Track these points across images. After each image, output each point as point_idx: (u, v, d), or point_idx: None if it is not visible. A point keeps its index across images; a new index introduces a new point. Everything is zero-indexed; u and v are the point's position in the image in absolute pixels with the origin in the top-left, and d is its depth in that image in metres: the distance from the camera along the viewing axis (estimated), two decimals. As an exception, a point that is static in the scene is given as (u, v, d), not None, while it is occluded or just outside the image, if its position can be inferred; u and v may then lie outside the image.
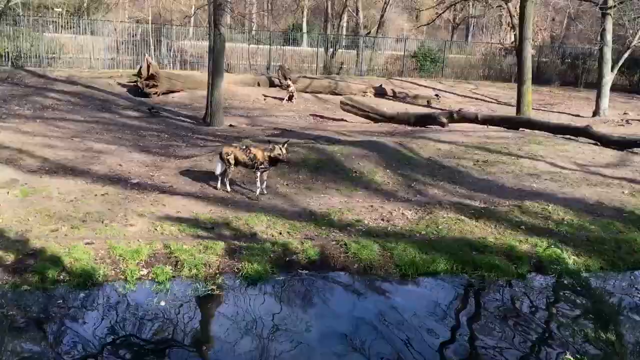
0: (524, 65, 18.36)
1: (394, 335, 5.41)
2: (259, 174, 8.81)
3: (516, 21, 19.62)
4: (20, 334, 5.14)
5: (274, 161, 8.73)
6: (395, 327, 5.56)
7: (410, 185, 9.84)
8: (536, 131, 14.69)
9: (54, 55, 23.20)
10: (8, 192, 8.18)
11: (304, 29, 41.77)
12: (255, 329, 5.39)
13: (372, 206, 8.61)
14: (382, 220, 8.07)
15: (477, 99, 25.13)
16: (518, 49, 18.77)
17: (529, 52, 18.74)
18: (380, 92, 23.78)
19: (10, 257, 6.21)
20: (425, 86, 26.83)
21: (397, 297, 6.27)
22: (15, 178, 8.79)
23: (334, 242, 7.15)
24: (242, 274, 6.35)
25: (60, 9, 28.99)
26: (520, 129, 15.10)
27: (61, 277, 6.02)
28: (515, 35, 20.17)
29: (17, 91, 18.66)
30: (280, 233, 7.37)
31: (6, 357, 4.80)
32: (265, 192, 8.94)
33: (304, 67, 28.30)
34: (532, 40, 22.08)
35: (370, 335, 5.40)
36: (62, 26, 24.55)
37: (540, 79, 28.91)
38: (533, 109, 19.56)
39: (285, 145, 8.68)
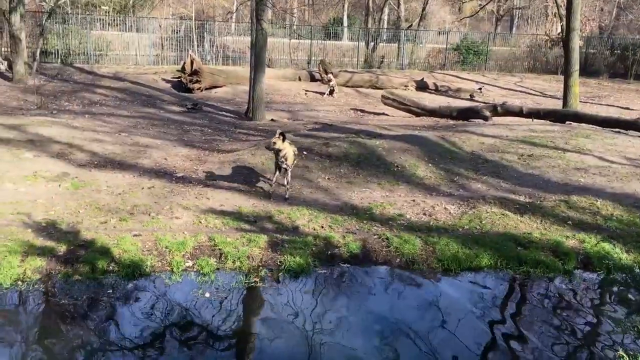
0: (571, 56, 17.86)
1: (436, 331, 5.39)
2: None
3: (563, 11, 19.12)
4: (71, 322, 5.32)
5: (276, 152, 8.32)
6: (438, 322, 5.53)
7: (453, 179, 9.74)
8: (584, 124, 14.31)
9: (101, 52, 23.83)
10: (60, 185, 8.47)
11: (345, 23, 41.65)
12: (297, 321, 5.44)
13: (414, 200, 8.56)
14: (424, 214, 8.02)
15: (521, 92, 24.60)
16: (565, 40, 18.26)
17: (577, 43, 18.20)
18: (421, 86, 23.56)
19: (62, 248, 6.44)
20: (468, 79, 26.41)
21: (440, 292, 6.24)
22: (66, 171, 9.09)
23: (375, 236, 7.15)
24: (284, 267, 6.42)
25: (107, 7, 29.72)
26: (567, 122, 14.74)
27: (110, 267, 6.21)
28: (562, 26, 19.66)
29: (66, 87, 19.26)
30: (322, 227, 7.41)
31: (59, 344, 4.98)
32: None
33: (344, 61, 28.26)
34: (580, 31, 21.46)
35: (412, 330, 5.39)
36: (108, 24, 25.17)
37: (588, 70, 28.12)
38: (580, 101, 19.03)
39: (279, 134, 8.15)
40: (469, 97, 22.44)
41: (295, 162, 8.60)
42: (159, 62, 24.53)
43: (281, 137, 8.11)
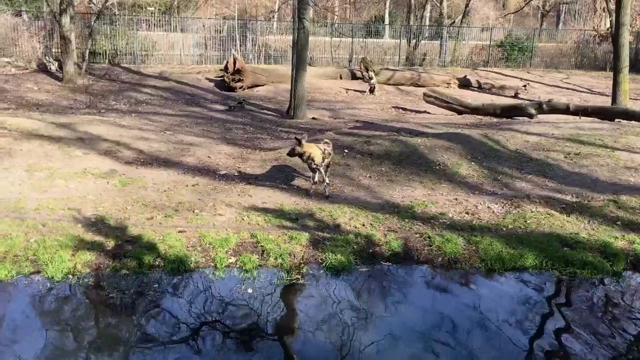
0: (621, 52, 17.31)
1: (479, 332, 5.32)
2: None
3: (612, 6, 18.58)
4: (119, 315, 5.49)
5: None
6: (481, 324, 5.46)
7: (497, 178, 9.58)
8: (634, 122, 13.85)
9: (146, 53, 24.39)
10: (108, 182, 8.72)
11: (386, 21, 41.43)
12: (338, 319, 5.47)
13: (456, 199, 8.47)
14: (467, 213, 7.92)
15: (568, 88, 23.98)
16: (614, 36, 17.71)
17: (627, 38, 17.63)
18: (464, 83, 23.24)
19: (110, 243, 6.63)
20: (512, 76, 25.89)
21: (483, 292, 6.16)
22: (114, 169, 9.35)
23: (417, 235, 7.11)
24: (325, 264, 6.45)
25: (152, 8, 30.36)
26: (616, 120, 14.29)
27: (156, 262, 6.36)
28: (611, 21, 19.11)
29: (113, 87, 19.79)
30: (364, 225, 7.41)
31: (108, 336, 5.15)
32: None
33: (386, 59, 28.12)
34: (630, 26, 20.75)
35: (454, 330, 5.34)
36: (154, 24, 25.73)
37: (638, 67, 27.16)
38: (630, 98, 18.44)
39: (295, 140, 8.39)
40: (513, 95, 22.02)
41: (327, 160, 8.58)
42: (203, 62, 24.94)
43: (298, 142, 8.20)
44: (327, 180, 8.57)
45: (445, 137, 11.40)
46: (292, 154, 8.42)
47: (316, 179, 8.70)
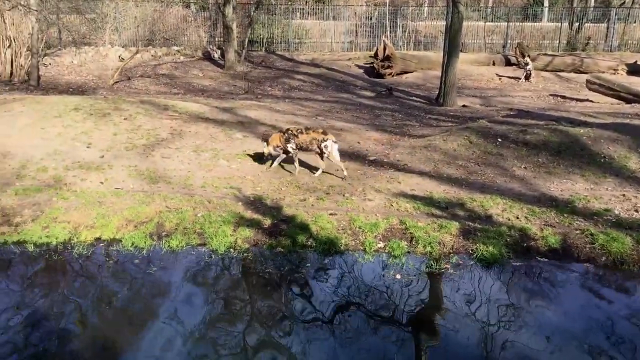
0: None
1: (647, 339, 4.88)
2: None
3: None
4: (275, 289, 5.81)
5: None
6: (650, 331, 5.01)
7: (672, 174, 8.66)
8: None
9: (300, 40, 25.26)
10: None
11: (545, 3, 38.80)
12: (487, 314, 5.32)
13: (623, 195, 7.79)
14: (637, 211, 7.24)
15: None
16: None
17: None
18: (634, 70, 21.16)
19: (267, 222, 7.03)
20: (694, 61, 23.07)
21: (653, 298, 5.63)
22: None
23: (577, 232, 6.66)
24: (476, 255, 6.29)
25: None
26: None
27: (308, 242, 6.63)
28: None
29: (269, 74, 20.79)
30: (518, 217, 7.10)
31: (264, 308, 5.48)
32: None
33: (544, 43, 26.46)
34: None
35: (615, 338, 4.94)
36: (308, 12, 26.54)
37: None
38: None
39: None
40: (695, 82, 19.64)
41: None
42: (352, 49, 25.29)
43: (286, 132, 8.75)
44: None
45: (612, 127, 10.48)
46: (292, 142, 8.76)
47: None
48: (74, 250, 6.41)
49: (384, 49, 20.72)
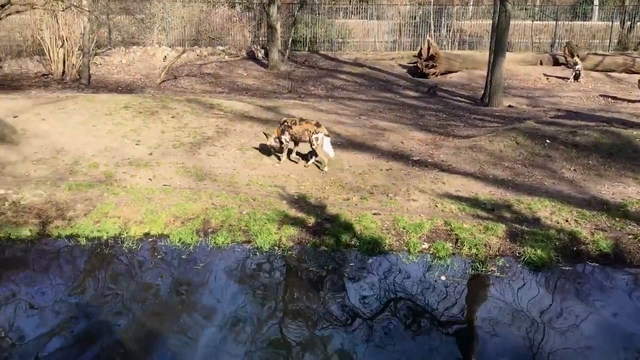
0: None
1: None
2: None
3: None
4: (319, 287, 5.83)
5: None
6: None
7: None
8: None
9: (343, 40, 25.27)
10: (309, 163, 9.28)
11: (596, 2, 37.70)
12: (536, 319, 5.19)
13: (679, 200, 7.53)
14: (693, 217, 7.00)
15: None
16: None
17: None
18: (690, 69, 20.38)
19: (311, 220, 7.07)
20: None
21: None
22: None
23: (630, 236, 6.47)
24: (523, 258, 6.18)
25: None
26: None
27: (352, 242, 6.63)
28: None
29: (312, 73, 20.86)
30: (567, 220, 6.94)
31: (307, 306, 5.51)
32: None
33: (594, 43, 25.72)
34: None
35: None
36: (351, 12, 26.52)
37: None
38: None
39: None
40: None
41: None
42: (395, 48, 25.14)
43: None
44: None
45: (667, 129, 10.15)
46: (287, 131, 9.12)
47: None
48: (124, 245, 6.59)
49: (428, 48, 20.52)
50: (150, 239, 6.77)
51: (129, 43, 22.14)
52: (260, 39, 24.22)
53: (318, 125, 8.94)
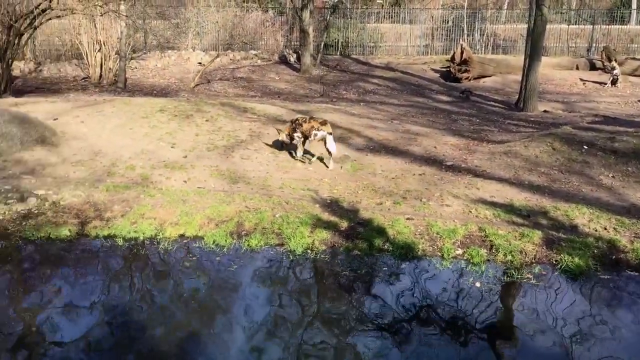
0: None
1: None
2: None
3: None
4: (352, 292, 5.83)
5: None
6: None
7: None
8: None
9: (375, 44, 25.26)
10: (341, 167, 9.29)
11: (634, 5, 36.90)
12: (573, 329, 5.10)
13: None
14: None
15: None
16: None
17: None
18: None
19: (344, 224, 7.07)
20: None
21: None
22: (346, 154, 9.91)
23: (673, 245, 6.31)
24: (560, 266, 6.07)
25: (381, 1, 31.26)
26: None
27: (385, 246, 6.61)
28: None
29: (344, 77, 20.90)
30: (605, 228, 6.79)
31: (338, 310, 5.51)
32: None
33: (632, 47, 25.19)
34: None
35: None
36: (383, 16, 26.50)
37: None
38: None
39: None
40: None
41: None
42: (428, 53, 25.01)
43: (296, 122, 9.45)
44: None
45: None
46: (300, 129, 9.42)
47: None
48: (160, 246, 6.69)
49: (461, 52, 20.37)
50: (185, 241, 6.86)
51: (164, 47, 22.53)
52: (293, 43, 24.37)
53: (323, 123, 9.32)
